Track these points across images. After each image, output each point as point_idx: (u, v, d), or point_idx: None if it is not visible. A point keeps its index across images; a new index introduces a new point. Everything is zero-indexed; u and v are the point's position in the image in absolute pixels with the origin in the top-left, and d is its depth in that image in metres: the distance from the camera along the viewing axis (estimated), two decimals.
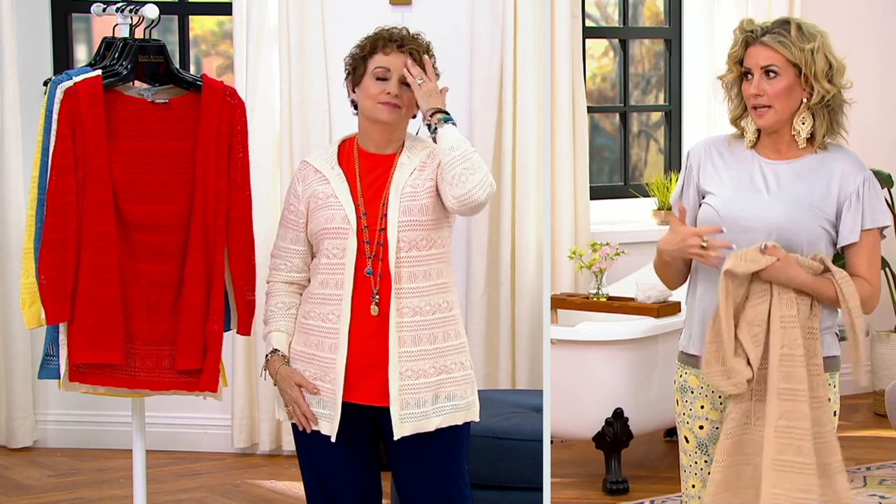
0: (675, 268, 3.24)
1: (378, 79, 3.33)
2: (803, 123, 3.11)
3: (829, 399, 3.10)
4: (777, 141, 3.15)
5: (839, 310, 3.12)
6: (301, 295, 3.43)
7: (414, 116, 3.43)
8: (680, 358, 3.25)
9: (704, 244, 3.06)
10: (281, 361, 3.39)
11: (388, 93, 3.32)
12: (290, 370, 3.38)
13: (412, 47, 3.34)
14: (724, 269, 3.03)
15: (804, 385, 3.03)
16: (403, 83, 3.33)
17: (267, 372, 3.42)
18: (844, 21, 6.39)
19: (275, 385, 3.41)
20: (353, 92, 3.40)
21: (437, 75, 3.38)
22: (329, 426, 3.33)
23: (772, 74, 3.07)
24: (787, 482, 3.01)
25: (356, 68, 3.38)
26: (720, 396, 3.18)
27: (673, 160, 6.68)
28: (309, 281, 3.43)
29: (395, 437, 3.31)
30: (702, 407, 3.20)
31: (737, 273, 3.03)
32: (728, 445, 3.07)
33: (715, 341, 3.06)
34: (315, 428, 3.35)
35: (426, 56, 3.36)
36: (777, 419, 3.02)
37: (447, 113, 3.31)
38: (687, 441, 3.24)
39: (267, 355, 3.42)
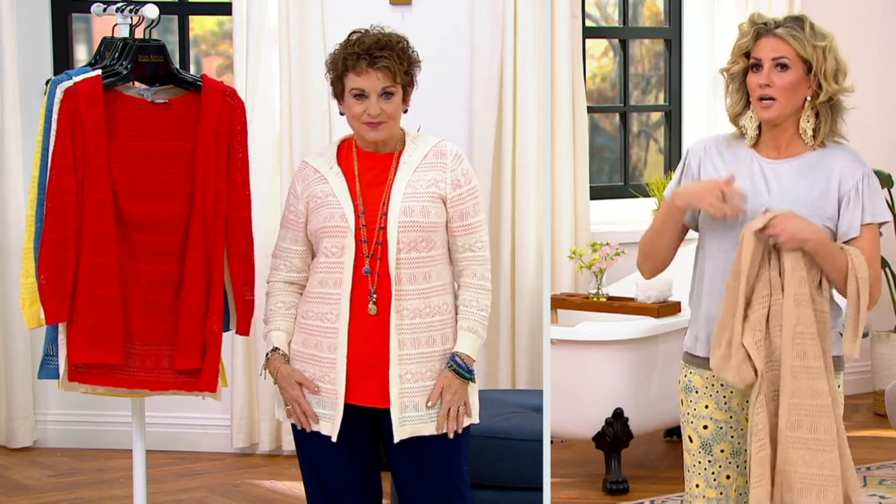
0: (667, 239, 3.18)
1: (357, 96, 3.30)
2: (808, 122, 3.11)
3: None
4: (778, 137, 3.14)
5: (842, 312, 3.12)
6: (301, 295, 3.43)
7: (405, 111, 3.41)
8: (685, 358, 3.25)
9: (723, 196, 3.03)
10: (281, 360, 3.38)
11: (369, 113, 3.29)
12: (290, 369, 3.37)
13: (385, 64, 3.27)
14: (743, 233, 3.02)
15: (820, 363, 3.02)
16: (384, 94, 3.29)
17: (267, 371, 3.41)
18: (844, 21, 6.37)
19: (275, 384, 3.41)
20: (341, 105, 3.38)
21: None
22: (330, 426, 3.32)
23: (782, 67, 3.07)
24: (797, 458, 3.01)
25: (335, 86, 3.35)
26: (724, 396, 3.18)
27: (673, 160, 6.67)
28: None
29: (395, 441, 3.31)
30: (706, 407, 3.20)
31: (754, 228, 3.00)
32: (761, 458, 3.04)
33: (722, 331, 3.04)
34: (315, 428, 3.35)
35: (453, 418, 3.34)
36: (790, 396, 3.01)
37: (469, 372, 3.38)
38: (691, 441, 3.23)
39: (267, 354, 3.41)
